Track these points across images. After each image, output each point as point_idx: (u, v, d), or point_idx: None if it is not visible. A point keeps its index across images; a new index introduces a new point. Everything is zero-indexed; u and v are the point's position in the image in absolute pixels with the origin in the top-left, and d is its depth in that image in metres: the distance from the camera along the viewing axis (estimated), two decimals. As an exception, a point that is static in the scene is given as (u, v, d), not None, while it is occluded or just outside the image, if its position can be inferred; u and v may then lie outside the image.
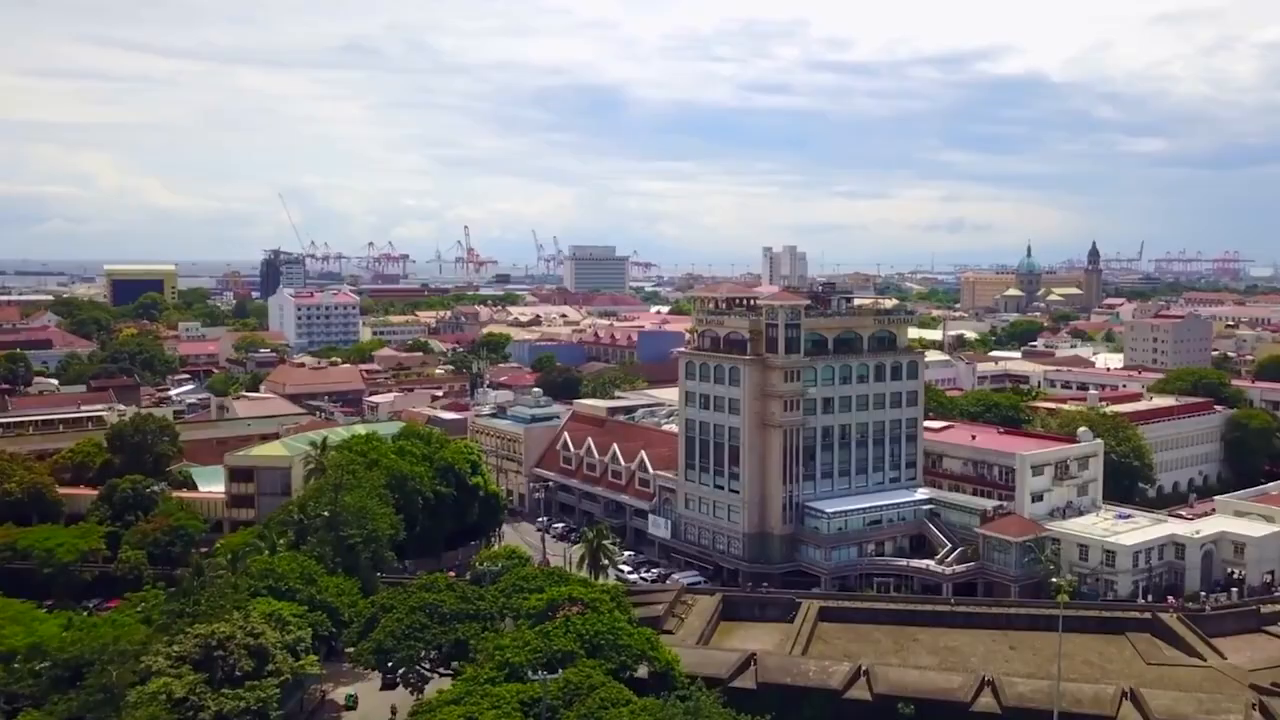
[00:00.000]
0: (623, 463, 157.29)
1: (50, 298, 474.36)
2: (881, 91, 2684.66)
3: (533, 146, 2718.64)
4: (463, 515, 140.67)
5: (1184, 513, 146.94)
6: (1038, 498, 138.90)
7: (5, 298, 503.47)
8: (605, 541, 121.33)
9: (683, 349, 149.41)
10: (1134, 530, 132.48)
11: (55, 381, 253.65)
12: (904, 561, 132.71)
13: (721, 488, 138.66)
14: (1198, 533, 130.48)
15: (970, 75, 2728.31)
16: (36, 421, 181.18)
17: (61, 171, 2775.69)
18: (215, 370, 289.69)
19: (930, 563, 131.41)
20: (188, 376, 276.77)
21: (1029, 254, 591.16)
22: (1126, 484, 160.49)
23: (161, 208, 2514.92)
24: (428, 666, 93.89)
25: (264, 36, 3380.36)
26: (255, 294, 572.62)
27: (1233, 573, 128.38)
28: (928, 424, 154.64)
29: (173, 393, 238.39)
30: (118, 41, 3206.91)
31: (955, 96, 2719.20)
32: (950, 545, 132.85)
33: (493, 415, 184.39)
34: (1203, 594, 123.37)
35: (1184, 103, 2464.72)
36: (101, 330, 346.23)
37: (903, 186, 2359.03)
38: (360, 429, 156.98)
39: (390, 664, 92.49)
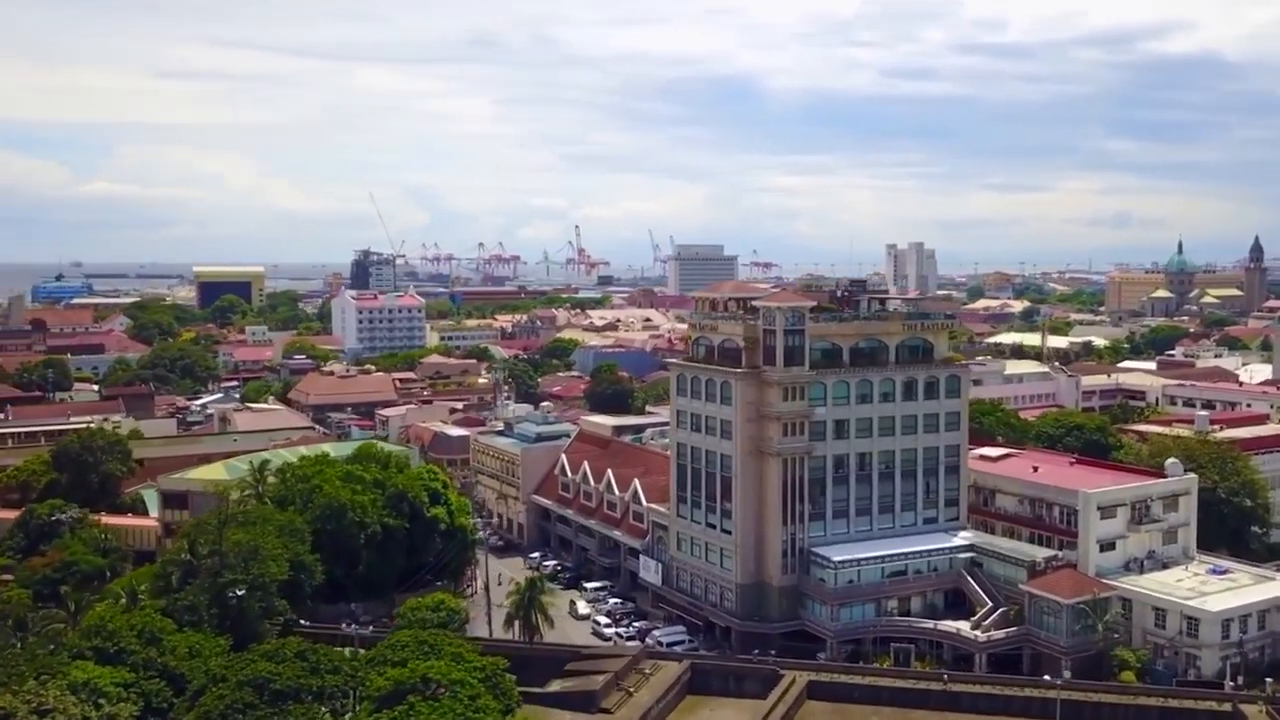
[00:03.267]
0: (617, 492, 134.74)
1: (133, 300, 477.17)
2: (1037, 75, 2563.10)
3: (661, 142, 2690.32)
4: (418, 551, 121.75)
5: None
6: (1108, 546, 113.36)
7: (92, 300, 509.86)
8: (541, 595, 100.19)
9: (674, 359, 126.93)
10: (1227, 591, 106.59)
11: (97, 388, 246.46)
12: (930, 623, 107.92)
13: (714, 526, 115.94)
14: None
15: (1137, 55, 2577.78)
16: (19, 434, 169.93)
17: (192, 174, 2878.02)
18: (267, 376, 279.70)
19: (963, 625, 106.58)
20: (235, 384, 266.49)
21: (1179, 250, 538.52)
22: (1235, 528, 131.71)
23: (288, 209, 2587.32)
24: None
25: (386, 32, 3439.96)
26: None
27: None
28: (984, 452, 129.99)
29: (196, 403, 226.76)
30: (241, 41, 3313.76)
31: (1120, 79, 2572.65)
32: (992, 604, 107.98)
33: (497, 433, 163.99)
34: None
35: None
36: (164, 335, 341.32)
37: (1061, 178, 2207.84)
38: (327, 448, 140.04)
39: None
